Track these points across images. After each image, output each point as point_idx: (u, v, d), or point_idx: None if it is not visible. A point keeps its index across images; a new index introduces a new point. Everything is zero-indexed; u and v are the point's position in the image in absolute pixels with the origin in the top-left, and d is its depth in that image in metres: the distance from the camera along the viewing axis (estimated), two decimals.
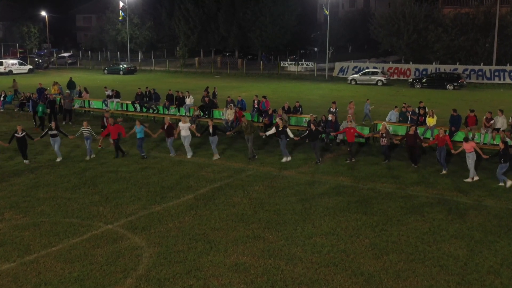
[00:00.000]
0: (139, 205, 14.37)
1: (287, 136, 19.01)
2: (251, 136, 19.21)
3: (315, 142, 18.83)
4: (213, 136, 19.20)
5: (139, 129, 19.42)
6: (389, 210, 13.88)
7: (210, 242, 11.80)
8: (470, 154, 16.59)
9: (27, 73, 59.86)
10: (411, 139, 18.21)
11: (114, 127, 19.38)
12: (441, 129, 17.97)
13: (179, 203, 14.53)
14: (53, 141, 19.08)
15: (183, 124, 19.53)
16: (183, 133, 19.50)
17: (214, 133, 19.18)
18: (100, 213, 13.77)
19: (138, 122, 19.64)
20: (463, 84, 43.42)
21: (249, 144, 19.24)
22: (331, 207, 14.14)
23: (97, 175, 17.32)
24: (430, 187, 15.92)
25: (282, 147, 19.06)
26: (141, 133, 19.43)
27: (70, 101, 27.15)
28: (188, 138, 19.53)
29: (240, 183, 16.38)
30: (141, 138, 19.43)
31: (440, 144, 17.57)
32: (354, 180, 16.67)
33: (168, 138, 19.70)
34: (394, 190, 15.62)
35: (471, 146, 16.74)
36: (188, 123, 19.72)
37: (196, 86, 44.20)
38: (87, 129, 19.28)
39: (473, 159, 16.54)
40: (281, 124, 19.09)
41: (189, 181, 16.60)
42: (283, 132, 18.96)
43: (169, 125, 19.58)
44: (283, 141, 18.98)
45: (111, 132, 19.43)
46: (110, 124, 19.53)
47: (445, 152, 17.54)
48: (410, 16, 53.56)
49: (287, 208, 14.00)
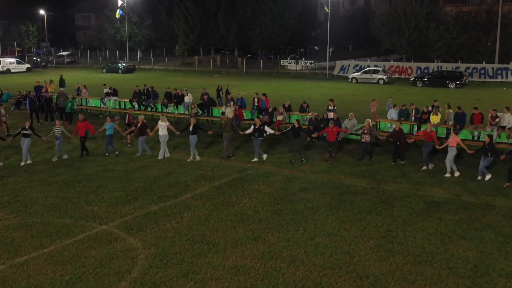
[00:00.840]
0: (135, 205, 13.89)
1: (262, 135, 18.45)
2: (229, 134, 18.62)
3: (296, 140, 18.36)
4: (192, 135, 18.41)
5: (109, 126, 19.02)
6: (394, 210, 13.41)
7: (208, 244, 11.33)
8: (452, 148, 16.51)
9: (25, 72, 59.38)
10: (397, 136, 18.03)
11: (82, 124, 18.86)
12: (428, 124, 17.87)
13: (177, 202, 14.05)
14: (23, 141, 18.00)
15: (162, 122, 18.83)
16: (161, 132, 18.76)
17: (194, 132, 18.40)
18: (94, 213, 13.28)
19: (109, 119, 19.34)
20: (465, 83, 42.96)
21: (225, 142, 18.58)
22: (334, 207, 13.66)
23: (93, 174, 16.83)
24: (435, 186, 15.45)
25: (256, 146, 18.46)
26: (110, 130, 19.04)
27: (65, 99, 26.64)
28: (164, 137, 18.77)
29: (239, 182, 15.90)
30: (110, 135, 19.04)
31: (426, 139, 17.44)
32: (357, 179, 16.20)
33: (140, 137, 19.13)
34: (398, 189, 15.15)
35: (455, 140, 16.72)
36: (167, 122, 19.03)
37: (196, 84, 43.74)
38: (59, 129, 18.76)
39: (452, 155, 16.48)
40: (258, 123, 18.53)
41: (187, 180, 16.12)
42: (259, 130, 18.36)
43: (143, 124, 19.08)
44: (257, 140, 18.35)
45: (79, 130, 18.91)
46: (79, 121, 18.99)
47: (431, 148, 17.44)
48: (412, 14, 53.07)
49: (288, 208, 13.52)
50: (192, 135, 18.41)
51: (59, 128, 18.83)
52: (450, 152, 16.61)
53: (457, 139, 16.81)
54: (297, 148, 18.45)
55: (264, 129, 18.50)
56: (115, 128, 19.37)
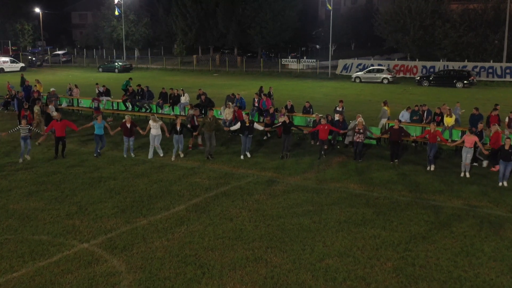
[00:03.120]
0: (121, 218, 12.43)
1: (251, 132, 17.83)
2: (213, 133, 17.77)
3: (287, 136, 17.82)
4: (179, 135, 17.59)
5: (100, 124, 17.89)
6: (411, 225, 11.96)
7: (203, 266, 9.87)
8: (468, 149, 15.58)
9: (19, 71, 57.82)
10: (396, 134, 16.99)
11: (60, 123, 17.56)
12: (432, 124, 16.76)
13: (168, 215, 12.59)
14: None
15: (154, 122, 17.75)
16: (153, 131, 17.79)
17: (181, 132, 17.58)
18: (75, 228, 11.83)
19: (99, 117, 18.28)
20: (473, 82, 41.49)
21: (212, 141, 17.74)
22: (343, 220, 12.21)
23: (78, 181, 15.37)
24: (455, 196, 14.00)
25: (247, 144, 17.87)
26: (100, 129, 17.91)
27: (56, 99, 25.21)
28: (158, 137, 17.94)
29: (238, 191, 14.44)
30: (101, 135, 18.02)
31: (431, 140, 16.40)
32: (367, 188, 14.75)
33: (129, 138, 17.96)
34: (413, 200, 13.70)
35: (472, 140, 15.64)
36: (160, 122, 17.98)
37: (194, 84, 42.35)
38: (26, 128, 17.39)
39: (469, 157, 15.64)
40: (247, 120, 17.85)
41: (180, 188, 14.67)
42: (249, 128, 17.64)
43: (131, 124, 17.87)
44: (247, 138, 17.73)
45: (56, 129, 17.57)
46: (56, 120, 17.68)
47: (436, 149, 16.60)
48: (416, 11, 51.51)
49: (293, 222, 12.07)
50: (179, 134, 17.61)
51: (26, 128, 17.41)
52: (467, 153, 15.54)
53: (475, 138, 15.74)
54: (286, 145, 17.80)
55: (253, 127, 17.88)
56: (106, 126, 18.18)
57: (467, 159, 15.69)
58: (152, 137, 17.91)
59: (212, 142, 17.76)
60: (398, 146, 17.25)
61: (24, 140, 17.31)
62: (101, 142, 18.12)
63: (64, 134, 17.73)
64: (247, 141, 17.86)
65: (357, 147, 17.48)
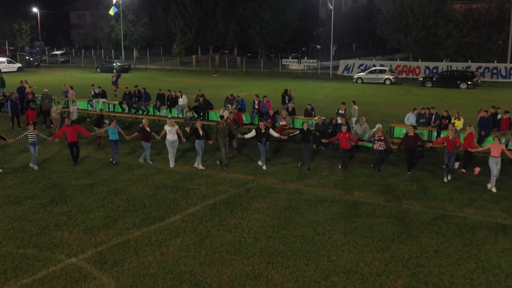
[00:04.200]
0: (113, 229, 11.69)
1: (269, 139, 16.69)
2: (227, 139, 16.78)
3: (307, 144, 16.57)
4: (201, 140, 16.61)
5: (113, 129, 16.98)
6: (421, 237, 11.22)
7: (198, 285, 9.14)
8: (495, 159, 14.20)
9: (16, 72, 57.16)
10: (411, 142, 15.80)
11: (71, 129, 16.76)
12: (450, 130, 15.46)
13: (163, 226, 11.86)
14: None
15: (169, 127, 16.83)
16: (169, 137, 16.82)
17: (203, 137, 16.61)
18: (64, 240, 11.08)
19: (113, 122, 17.22)
20: (477, 83, 40.74)
21: (224, 149, 16.71)
22: (349, 232, 11.46)
23: (69, 187, 14.64)
24: (466, 206, 13.25)
25: (262, 151, 16.68)
26: (115, 134, 17.00)
27: (50, 101, 24.47)
28: (175, 143, 16.92)
29: (238, 199, 13.70)
30: (116, 140, 17.08)
31: (449, 147, 15.16)
32: (374, 196, 14.00)
33: (146, 143, 17.08)
34: (423, 209, 12.96)
35: (499, 149, 14.30)
36: (175, 126, 17.04)
37: (193, 85, 41.64)
38: (33, 133, 16.67)
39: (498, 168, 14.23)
40: (263, 127, 16.59)
41: (177, 196, 13.93)
42: (265, 134, 16.51)
43: (150, 127, 17.06)
44: (265, 145, 16.63)
45: (67, 135, 16.80)
46: (66, 125, 16.86)
47: (455, 157, 15.31)
48: (419, 11, 50.76)
49: (296, 234, 11.33)
50: (201, 140, 16.56)
51: (33, 133, 16.71)
52: (496, 164, 14.16)
53: (502, 146, 14.46)
54: (305, 155, 16.50)
55: (270, 133, 16.67)
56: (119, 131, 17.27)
57: (495, 171, 14.24)
58: (169, 143, 16.80)
59: (223, 150, 16.70)
60: (414, 154, 16.03)
61: (33, 146, 16.63)
62: (116, 147, 17.15)
63: (76, 139, 16.85)
64: (265, 149, 16.66)
65: (379, 156, 16.29)
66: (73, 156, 17.09)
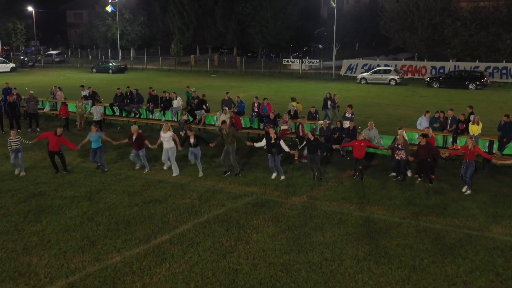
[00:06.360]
0: (90, 253, 10.13)
1: (280, 151, 14.80)
2: (232, 146, 15.09)
3: (314, 156, 14.77)
4: (195, 148, 15.22)
5: (95, 136, 15.47)
6: (445, 263, 9.67)
7: None
8: None
9: (9, 72, 55.64)
10: (423, 152, 14.21)
11: (57, 139, 15.30)
12: (470, 139, 13.83)
13: (148, 250, 10.30)
14: None
15: (164, 133, 15.35)
16: (165, 145, 15.39)
17: (197, 144, 15.21)
18: (31, 267, 9.53)
19: (93, 128, 15.69)
20: (487, 84, 39.14)
21: (231, 157, 15.11)
22: (362, 257, 9.90)
23: (46, 201, 13.08)
24: (494, 223, 11.70)
25: (272, 164, 14.93)
26: (97, 142, 15.50)
27: (35, 103, 22.92)
28: (172, 150, 15.44)
29: (234, 215, 12.15)
30: (99, 148, 15.57)
31: (468, 157, 13.60)
32: (388, 211, 12.45)
33: (139, 151, 15.57)
34: (445, 228, 11.41)
35: None
36: (170, 132, 15.51)
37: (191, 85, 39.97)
38: (17, 140, 15.27)
39: None
40: (273, 136, 14.76)
41: (166, 212, 12.38)
42: (275, 145, 14.70)
43: (139, 136, 15.49)
44: (276, 157, 14.79)
45: (50, 143, 15.38)
46: (54, 133, 15.37)
47: (474, 168, 13.67)
48: (425, 9, 49.09)
49: (301, 261, 9.76)
50: (195, 147, 15.27)
51: (16, 139, 15.27)
52: None
53: None
54: (316, 166, 14.85)
55: (280, 144, 14.76)
56: (103, 138, 15.75)
57: None
58: (165, 151, 15.45)
59: (231, 158, 15.13)
60: (427, 164, 14.40)
61: (15, 153, 15.23)
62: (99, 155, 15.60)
63: (57, 149, 15.40)
64: (276, 161, 14.84)
65: (399, 166, 14.69)
66: (54, 164, 15.64)
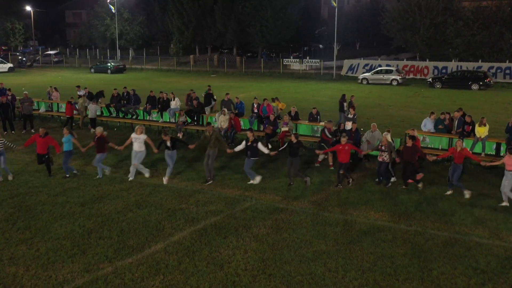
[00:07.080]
0: (80, 263, 9.60)
1: (256, 154, 14.29)
2: (214, 150, 14.49)
3: (294, 159, 14.16)
4: (172, 151, 14.54)
5: (66, 138, 14.91)
6: (456, 275, 9.15)
7: None
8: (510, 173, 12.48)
9: (7, 72, 55.15)
10: (408, 153, 13.75)
11: (43, 140, 14.79)
12: (458, 141, 13.48)
13: (141, 259, 9.76)
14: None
15: (137, 135, 14.69)
16: (136, 147, 14.72)
17: (174, 147, 14.54)
18: (17, 280, 8.99)
19: (65, 130, 15.10)
20: (490, 84, 38.61)
21: (209, 161, 14.45)
22: (367, 268, 9.37)
23: (37, 207, 12.54)
24: (504, 229, 11.17)
25: (246, 167, 14.42)
26: (68, 145, 14.92)
27: (30, 104, 22.40)
28: (140, 154, 14.76)
29: (233, 222, 11.61)
30: (68, 151, 14.96)
31: (457, 160, 13.29)
32: (393, 218, 11.92)
33: (97, 154, 14.88)
34: (453, 236, 10.90)
35: None
36: (144, 135, 14.84)
37: (190, 86, 39.46)
38: (1, 142, 14.73)
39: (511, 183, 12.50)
40: (251, 137, 14.27)
41: (161, 219, 11.84)
42: (251, 147, 14.19)
43: (101, 137, 14.81)
44: (249, 160, 14.29)
45: (37, 145, 14.88)
46: (39, 135, 14.87)
47: (461, 170, 13.41)
48: (427, 8, 48.54)
49: (302, 272, 9.23)
50: (172, 150, 14.55)
51: (1, 141, 14.72)
52: (508, 178, 12.53)
53: None
54: (294, 170, 14.21)
55: (257, 146, 14.24)
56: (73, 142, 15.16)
57: (505, 186, 12.58)
58: (133, 154, 14.82)
59: (209, 161, 14.49)
60: (411, 168, 13.83)
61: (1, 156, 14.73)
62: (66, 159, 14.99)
63: (46, 152, 14.90)
64: (246, 163, 14.40)
65: (379, 168, 14.28)
66: (47, 167, 15.15)
